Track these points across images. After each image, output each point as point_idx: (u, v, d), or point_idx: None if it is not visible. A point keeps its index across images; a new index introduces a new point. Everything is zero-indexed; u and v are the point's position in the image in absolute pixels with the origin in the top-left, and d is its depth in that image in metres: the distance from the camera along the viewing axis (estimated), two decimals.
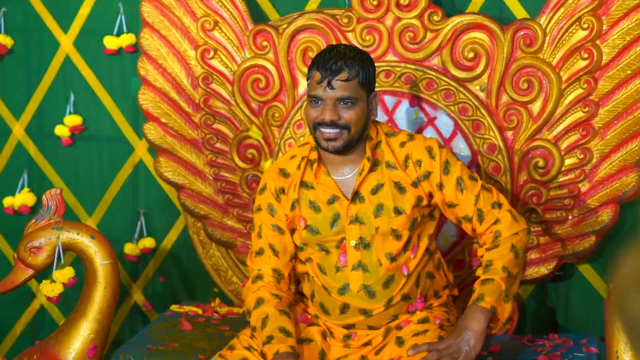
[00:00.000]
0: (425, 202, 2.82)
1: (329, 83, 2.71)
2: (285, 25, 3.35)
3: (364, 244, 2.80)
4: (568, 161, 3.18)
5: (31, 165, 3.82)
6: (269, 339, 2.71)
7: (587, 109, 3.14)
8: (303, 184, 2.85)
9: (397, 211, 2.79)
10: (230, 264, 3.56)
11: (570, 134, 3.17)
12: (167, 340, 3.17)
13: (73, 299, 3.23)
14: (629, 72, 3.10)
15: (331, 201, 2.82)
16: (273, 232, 2.87)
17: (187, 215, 3.56)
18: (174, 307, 3.51)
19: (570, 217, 3.20)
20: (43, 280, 3.06)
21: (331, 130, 2.73)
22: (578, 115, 3.16)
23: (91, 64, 3.70)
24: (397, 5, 3.24)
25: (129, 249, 3.71)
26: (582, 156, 3.16)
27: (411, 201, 2.80)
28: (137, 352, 3.07)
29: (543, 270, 3.25)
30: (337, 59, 2.72)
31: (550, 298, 3.37)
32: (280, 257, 2.88)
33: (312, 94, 2.75)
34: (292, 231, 2.87)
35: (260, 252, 2.89)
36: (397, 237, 2.79)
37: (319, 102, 2.74)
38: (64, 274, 3.03)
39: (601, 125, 3.14)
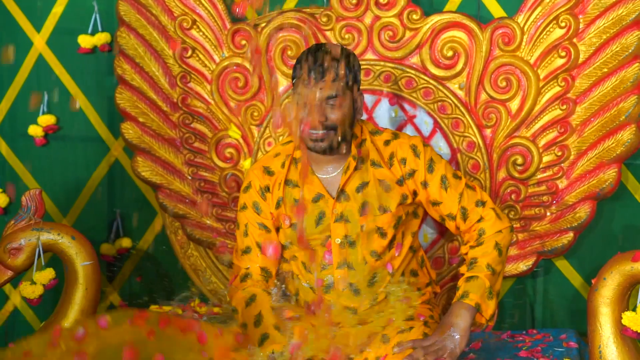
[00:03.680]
0: (409, 200, 2.83)
1: (315, 83, 2.71)
2: (263, 24, 3.34)
3: (349, 242, 2.80)
4: (546, 158, 3.21)
5: (4, 165, 3.77)
6: (264, 337, 2.71)
7: (564, 106, 3.17)
8: (288, 182, 2.85)
9: (382, 209, 2.80)
10: (209, 263, 3.54)
11: (548, 132, 3.21)
12: None
13: (47, 300, 3.20)
14: (605, 70, 3.13)
15: (316, 199, 2.82)
16: (259, 230, 2.87)
17: (164, 215, 3.54)
18: (154, 308, 3.48)
19: (548, 214, 3.24)
20: (22, 282, 3.02)
21: (318, 131, 2.73)
22: (556, 112, 3.19)
23: (65, 63, 3.67)
24: (376, 4, 3.25)
25: (105, 249, 3.68)
26: (560, 153, 3.20)
27: (396, 199, 2.81)
28: None
29: (522, 266, 3.27)
30: (323, 59, 2.72)
31: (528, 294, 3.40)
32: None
33: (298, 93, 2.74)
34: (277, 229, 2.87)
35: (247, 251, 2.88)
36: (382, 235, 2.80)
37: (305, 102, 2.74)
38: (45, 275, 3.01)
39: (578, 122, 3.18)
